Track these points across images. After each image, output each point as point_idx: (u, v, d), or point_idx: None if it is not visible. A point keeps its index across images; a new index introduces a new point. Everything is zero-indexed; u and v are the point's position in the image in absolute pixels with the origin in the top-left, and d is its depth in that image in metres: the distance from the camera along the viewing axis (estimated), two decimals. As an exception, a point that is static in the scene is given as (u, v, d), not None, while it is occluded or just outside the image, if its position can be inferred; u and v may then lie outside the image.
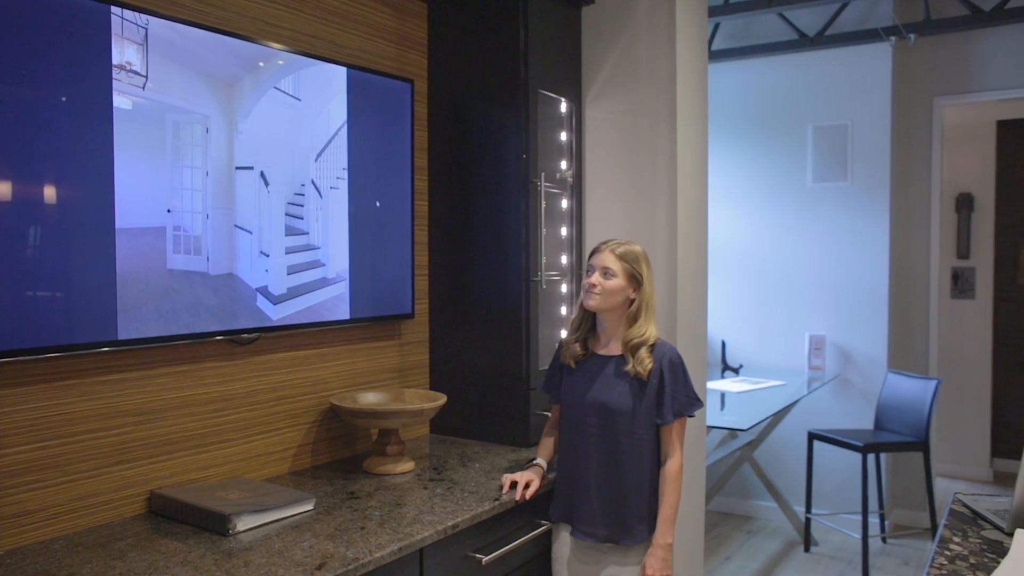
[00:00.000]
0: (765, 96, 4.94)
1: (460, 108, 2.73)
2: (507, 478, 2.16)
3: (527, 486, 2.14)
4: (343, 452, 2.50)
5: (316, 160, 2.31)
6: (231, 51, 2.06)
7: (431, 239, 2.80)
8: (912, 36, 4.54)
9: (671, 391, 2.10)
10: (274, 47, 2.18)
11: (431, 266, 2.80)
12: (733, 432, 4.50)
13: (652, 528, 2.10)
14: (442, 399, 2.41)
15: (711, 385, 4.42)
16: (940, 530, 1.86)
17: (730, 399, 4.09)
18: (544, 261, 2.67)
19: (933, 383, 4.14)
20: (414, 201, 2.66)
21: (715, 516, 5.04)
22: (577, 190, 2.87)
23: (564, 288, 2.82)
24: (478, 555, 2.00)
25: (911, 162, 4.83)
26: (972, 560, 1.67)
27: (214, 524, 1.82)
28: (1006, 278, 5.89)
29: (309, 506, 1.97)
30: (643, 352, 2.11)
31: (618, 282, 2.11)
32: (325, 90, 2.34)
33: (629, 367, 2.10)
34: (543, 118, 2.69)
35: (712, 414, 3.79)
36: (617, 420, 2.11)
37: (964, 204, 5.81)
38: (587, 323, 2.21)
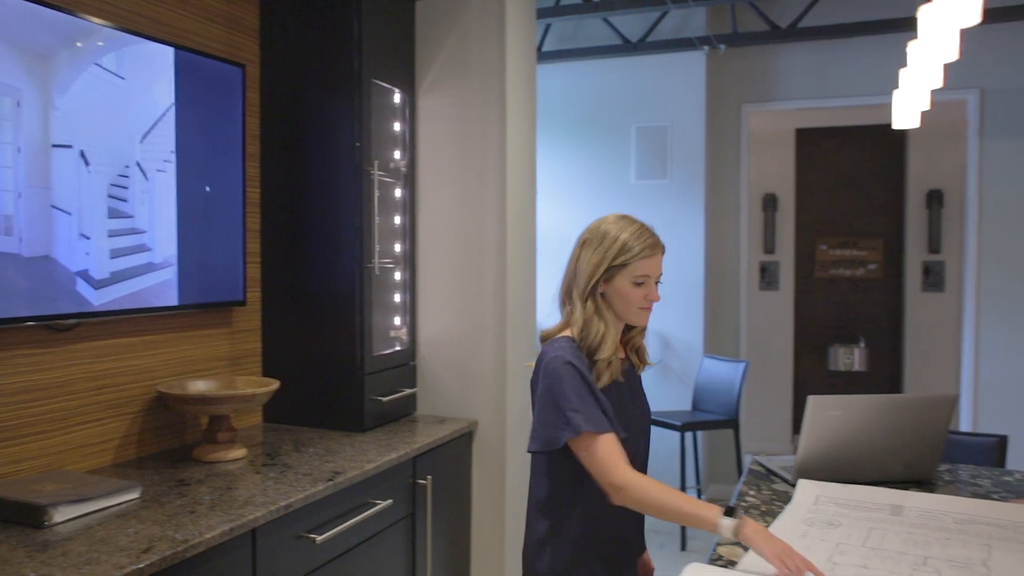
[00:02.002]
0: (592, 97, 5.20)
1: (293, 95, 2.72)
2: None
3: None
4: (172, 442, 2.44)
5: (141, 142, 2.25)
6: (43, 21, 1.97)
7: (264, 226, 2.77)
8: (722, 47, 4.91)
9: None
10: (92, 20, 2.10)
11: (263, 253, 2.78)
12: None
13: None
14: (274, 384, 2.40)
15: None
16: (739, 486, 2.07)
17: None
18: (378, 249, 2.72)
19: (742, 365, 4.52)
20: (246, 187, 2.63)
21: (547, 500, 5.23)
22: (411, 179, 2.93)
23: (398, 276, 2.87)
24: (312, 535, 2.02)
25: (723, 163, 5.23)
26: (763, 508, 1.88)
27: (28, 517, 1.74)
28: (805, 272, 6.47)
29: (135, 494, 1.92)
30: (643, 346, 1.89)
31: None
32: (151, 70, 2.28)
33: (640, 369, 1.88)
34: (377, 108, 2.73)
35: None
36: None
37: (769, 204, 6.34)
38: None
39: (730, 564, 1.53)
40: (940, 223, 6.03)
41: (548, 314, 1.90)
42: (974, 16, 1.90)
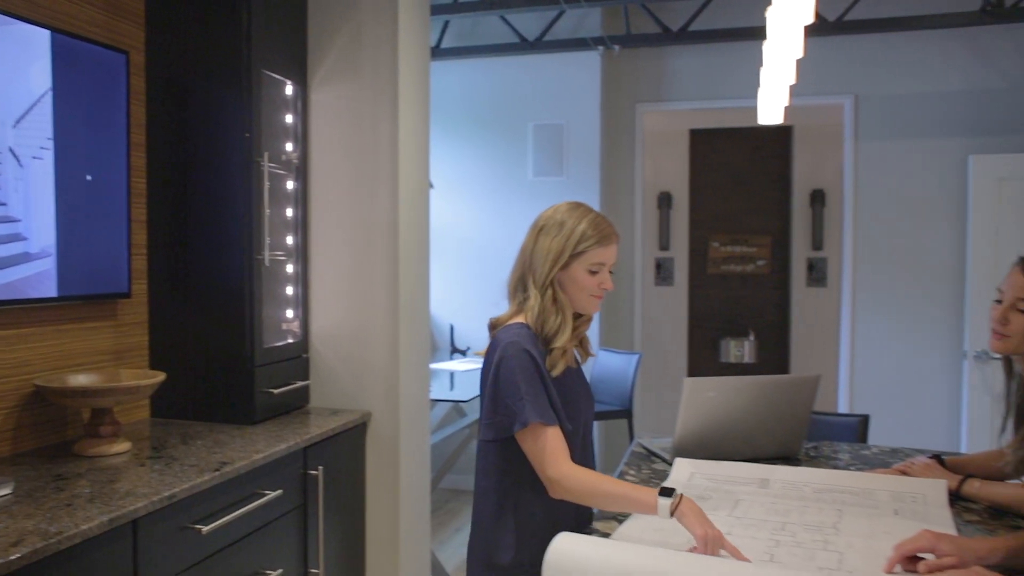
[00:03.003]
0: (491, 94, 5.27)
1: (181, 84, 2.68)
2: None
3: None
4: (51, 438, 2.37)
5: (15, 127, 2.17)
6: (-91, 2, 1.89)
7: (150, 217, 2.72)
8: (616, 47, 5.06)
9: None
10: (-38, 2, 2.03)
11: (150, 245, 2.72)
12: (461, 410, 4.76)
13: None
14: (160, 376, 2.36)
15: (442, 366, 4.64)
16: (621, 466, 2.16)
17: (458, 377, 4.33)
18: (269, 241, 2.70)
19: (635, 357, 4.67)
20: (131, 177, 2.57)
21: (447, 493, 5.28)
22: (303, 172, 2.92)
23: (290, 268, 2.86)
24: (198, 526, 2.00)
25: (619, 161, 5.39)
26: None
27: None
28: (699, 268, 6.70)
29: (6, 490, 1.86)
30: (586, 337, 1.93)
31: None
32: (24, 52, 2.20)
33: (584, 360, 1.92)
34: (268, 99, 2.71)
35: (441, 392, 4.02)
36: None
37: (664, 202, 6.54)
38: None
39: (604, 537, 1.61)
40: (823, 221, 6.34)
41: (495, 302, 1.93)
42: (808, 15, 2.05)
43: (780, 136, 6.47)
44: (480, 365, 1.83)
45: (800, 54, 2.30)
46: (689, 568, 1.26)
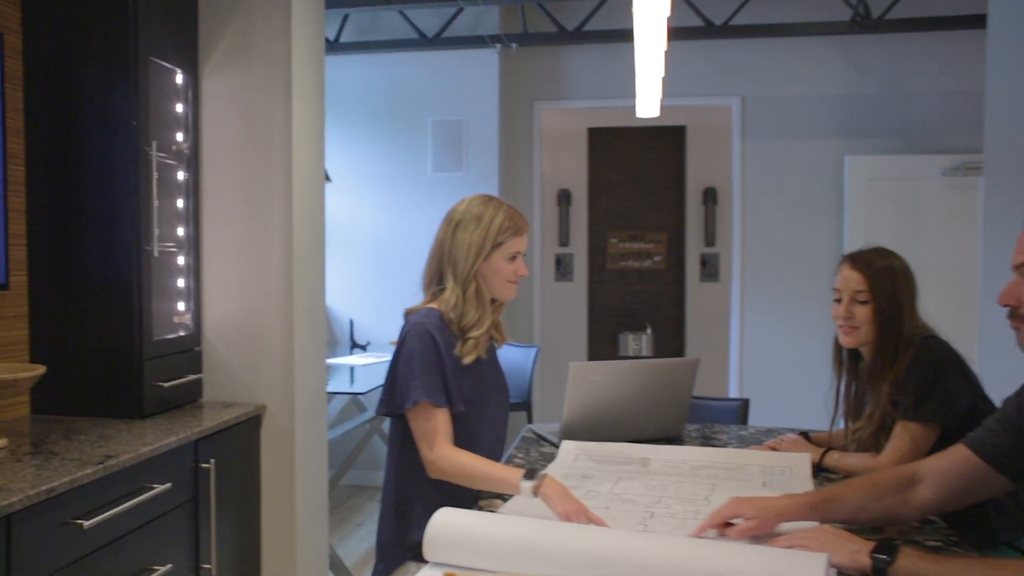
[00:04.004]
0: (390, 89, 5.27)
1: (63, 69, 2.59)
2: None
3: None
4: (-80, 436, 2.26)
5: None
6: None
7: (30, 206, 2.62)
8: (514, 45, 5.14)
9: None
10: None
11: (30, 235, 2.62)
12: (361, 404, 4.75)
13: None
14: (40, 369, 2.29)
15: (341, 360, 4.62)
16: (510, 451, 2.23)
17: (358, 372, 4.33)
18: (158, 232, 2.65)
19: (534, 350, 4.76)
20: (7, 165, 2.48)
21: (349, 490, 5.26)
22: (194, 162, 2.87)
23: (181, 260, 2.81)
24: (80, 521, 1.96)
25: (517, 158, 5.47)
26: (528, 467, 2.03)
27: None
28: (598, 264, 6.87)
29: None
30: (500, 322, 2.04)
31: None
32: None
33: (499, 345, 2.07)
34: (157, 87, 2.66)
35: (341, 387, 4.02)
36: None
37: (564, 199, 6.68)
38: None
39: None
40: (715, 218, 6.61)
41: (397, 297, 1.99)
42: (665, 8, 2.25)
43: (675, 136, 6.70)
44: (382, 359, 1.91)
45: (664, 46, 2.44)
46: (553, 535, 1.35)
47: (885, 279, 1.93)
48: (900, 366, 1.91)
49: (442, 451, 1.74)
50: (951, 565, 1.24)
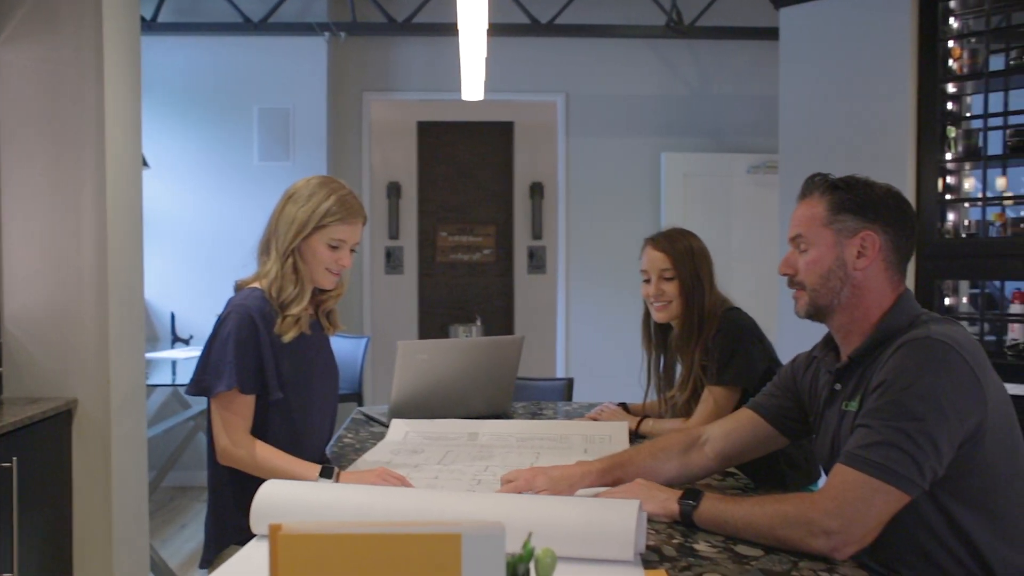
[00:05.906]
0: (214, 74, 5.07)
1: None
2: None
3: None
4: None
5: None
6: None
7: None
8: (343, 34, 5.09)
9: None
10: None
11: None
12: (184, 402, 4.56)
13: None
14: None
15: (162, 355, 4.42)
16: (338, 433, 2.23)
17: (180, 366, 4.15)
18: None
19: (363, 341, 4.74)
20: None
21: (172, 491, 5.02)
22: (-9, 140, 2.66)
23: (-23, 245, 2.60)
24: None
25: (347, 149, 5.42)
26: (358, 447, 2.06)
27: None
28: (428, 257, 6.92)
29: None
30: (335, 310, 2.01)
31: None
32: None
33: (331, 333, 2.05)
34: (-56, 56, 2.45)
35: (163, 380, 3.85)
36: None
37: (393, 192, 6.68)
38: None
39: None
40: (541, 212, 6.82)
41: (244, 264, 1.92)
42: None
43: (503, 131, 6.86)
44: None
45: (484, 27, 2.56)
46: (378, 493, 1.40)
47: (686, 256, 2.11)
48: (707, 335, 2.09)
49: (239, 438, 1.72)
50: (745, 503, 1.39)
